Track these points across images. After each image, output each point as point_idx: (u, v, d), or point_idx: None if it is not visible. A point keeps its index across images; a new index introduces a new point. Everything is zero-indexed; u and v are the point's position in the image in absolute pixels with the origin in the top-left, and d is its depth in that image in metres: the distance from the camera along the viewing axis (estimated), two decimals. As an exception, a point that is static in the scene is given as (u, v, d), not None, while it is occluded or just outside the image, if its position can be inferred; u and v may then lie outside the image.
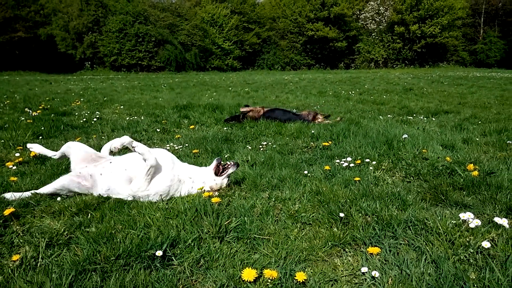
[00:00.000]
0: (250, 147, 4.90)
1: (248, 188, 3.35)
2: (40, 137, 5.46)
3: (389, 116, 7.44)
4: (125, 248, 2.22)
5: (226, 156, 4.41)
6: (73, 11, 44.47)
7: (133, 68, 44.15)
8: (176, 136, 5.60)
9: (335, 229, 2.54)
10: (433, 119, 7.15)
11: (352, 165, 3.91)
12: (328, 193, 3.07)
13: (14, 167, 3.94)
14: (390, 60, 51.71)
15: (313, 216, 2.73)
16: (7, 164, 4.00)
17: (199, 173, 3.23)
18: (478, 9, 54.20)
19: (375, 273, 2.02)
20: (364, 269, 2.07)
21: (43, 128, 5.85)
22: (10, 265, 2.11)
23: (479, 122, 6.54)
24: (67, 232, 2.48)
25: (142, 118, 7.34)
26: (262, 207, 2.88)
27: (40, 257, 2.20)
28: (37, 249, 2.26)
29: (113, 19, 43.53)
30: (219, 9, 50.43)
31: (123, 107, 9.17)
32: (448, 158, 3.91)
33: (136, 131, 5.96)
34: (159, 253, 2.17)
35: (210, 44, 48.90)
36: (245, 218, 2.65)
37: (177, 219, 2.60)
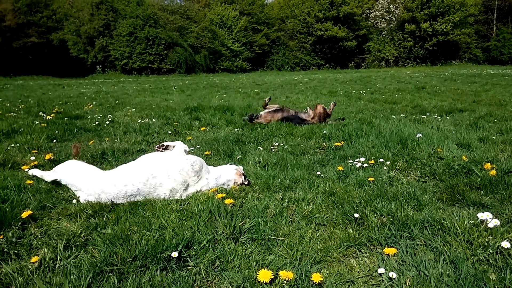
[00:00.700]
0: (261, 148, 4.90)
1: (261, 189, 3.35)
2: (54, 141, 5.52)
3: (402, 115, 7.38)
4: (141, 249, 2.23)
5: (238, 158, 4.41)
6: (84, 16, 44.92)
7: (143, 71, 44.45)
8: (188, 138, 5.62)
9: (350, 229, 2.52)
10: (447, 117, 7.07)
11: (365, 165, 3.89)
12: (342, 193, 3.05)
13: (30, 171, 3.98)
14: (401, 58, 51.29)
15: (327, 217, 2.72)
16: (23, 167, 4.05)
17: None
18: (491, 5, 53.47)
19: (392, 274, 2.00)
20: (381, 270, 2.05)
21: (57, 132, 5.92)
22: (30, 266, 2.13)
23: (495, 120, 6.45)
24: (83, 234, 2.50)
25: (154, 120, 7.38)
26: (275, 208, 2.87)
27: (58, 258, 2.22)
28: (55, 250, 2.29)
29: (123, 22, 43.89)
30: (228, 11, 50.52)
31: (134, 109, 9.24)
32: (464, 157, 3.86)
33: (148, 134, 5.99)
34: (175, 254, 2.18)
35: (219, 46, 49.00)
36: (259, 219, 2.64)
37: (191, 221, 2.61)
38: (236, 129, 6.28)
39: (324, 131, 5.52)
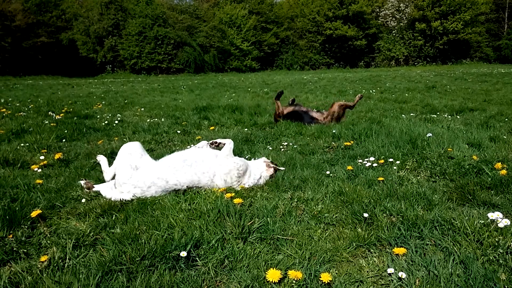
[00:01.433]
0: (270, 148, 4.89)
1: (269, 189, 3.34)
2: (64, 140, 5.55)
3: (412, 114, 7.32)
4: (149, 249, 2.23)
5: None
6: (94, 16, 45.27)
7: (152, 71, 44.68)
8: (197, 138, 5.62)
9: (359, 229, 2.50)
10: (458, 117, 7.00)
11: (375, 165, 3.86)
12: (351, 193, 3.03)
13: (39, 170, 4.01)
14: (411, 57, 50.92)
15: (336, 217, 2.70)
16: (32, 167, 4.09)
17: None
18: (502, 3, 52.80)
19: (402, 274, 1.98)
20: (390, 270, 2.03)
21: (66, 131, 5.96)
22: (39, 265, 2.15)
23: (506, 119, 6.37)
24: (92, 233, 2.52)
25: (163, 120, 7.41)
26: (284, 207, 2.86)
27: (68, 258, 2.23)
28: (64, 250, 2.30)
29: (133, 22, 44.13)
30: (237, 10, 50.53)
31: (143, 109, 9.28)
32: (474, 157, 3.82)
33: (157, 133, 6.01)
34: (184, 253, 2.18)
35: (228, 45, 49.06)
36: (268, 218, 2.64)
37: (200, 220, 2.61)
38: (245, 129, 6.28)
39: (334, 131, 5.49)
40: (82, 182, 3.36)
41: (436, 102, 9.17)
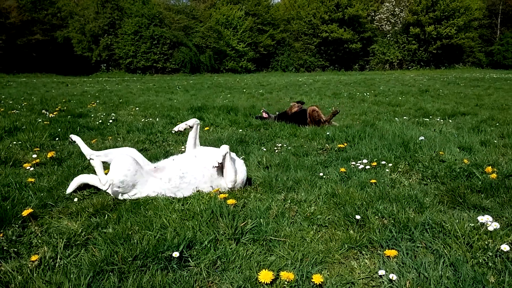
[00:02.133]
0: (265, 149, 4.90)
1: (263, 190, 3.35)
2: (57, 139, 5.53)
3: (405, 118, 7.37)
4: (142, 249, 2.23)
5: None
6: (90, 14, 45.04)
7: (148, 70, 44.52)
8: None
9: (351, 231, 2.52)
10: (450, 121, 7.06)
11: (368, 167, 3.89)
12: (344, 195, 3.05)
13: (32, 168, 4.00)
14: (405, 61, 51.16)
15: (329, 218, 2.72)
16: (24, 165, 4.07)
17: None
18: (495, 9, 53.23)
19: (393, 276, 2.00)
20: (381, 272, 2.05)
21: (59, 130, 5.93)
22: (29, 265, 2.14)
23: (497, 124, 6.43)
24: (84, 233, 2.51)
25: (157, 119, 7.40)
26: (277, 209, 2.87)
27: (59, 257, 2.22)
28: (55, 249, 2.29)
29: (129, 21, 43.96)
30: (233, 11, 50.46)
31: (138, 109, 9.26)
32: (465, 161, 3.86)
33: (151, 133, 6.00)
34: (176, 254, 2.18)
35: (224, 46, 48.98)
36: (261, 220, 2.64)
37: (193, 221, 2.61)
38: (240, 130, 6.29)
39: (328, 133, 5.51)
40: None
41: (429, 106, 9.23)
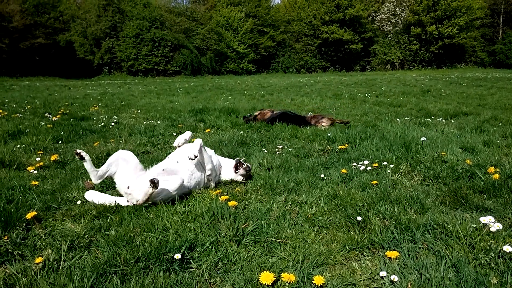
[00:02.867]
0: (266, 151, 4.91)
1: (264, 191, 3.36)
2: (60, 142, 5.56)
3: (406, 118, 7.37)
4: (144, 251, 2.25)
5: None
6: (91, 17, 45.17)
7: (149, 73, 44.60)
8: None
9: (352, 232, 2.52)
10: (452, 121, 7.05)
11: (369, 168, 3.89)
12: (345, 196, 3.05)
13: (35, 171, 4.02)
14: (406, 61, 51.10)
15: (330, 220, 2.72)
16: (28, 168, 4.09)
17: (226, 164, 3.88)
18: (497, 9, 53.14)
19: (394, 278, 2.00)
20: (383, 273, 2.05)
21: (62, 133, 5.96)
22: (33, 267, 2.15)
23: (500, 124, 6.42)
24: (87, 235, 2.53)
25: (159, 122, 7.41)
26: (278, 210, 2.88)
27: (62, 259, 2.24)
28: (59, 251, 2.31)
29: (130, 24, 44.07)
30: (234, 13, 50.53)
31: (140, 111, 9.28)
32: (468, 161, 3.85)
33: (153, 135, 6.02)
34: (178, 256, 2.19)
35: (225, 48, 49.04)
36: (262, 221, 2.65)
37: (195, 223, 2.62)
38: (241, 131, 6.30)
39: (329, 134, 5.52)
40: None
41: (430, 106, 9.23)
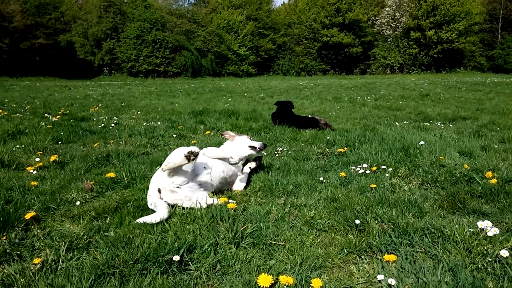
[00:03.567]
0: (265, 153, 4.91)
1: (263, 194, 3.36)
2: (60, 142, 5.56)
3: (405, 122, 7.38)
4: (143, 252, 2.25)
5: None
6: (92, 18, 45.26)
7: (150, 74, 44.68)
8: (192, 142, 5.64)
9: (350, 236, 2.53)
10: (450, 125, 7.07)
11: (368, 171, 3.90)
12: (343, 199, 3.06)
13: (35, 172, 4.03)
14: (406, 65, 51.24)
15: (328, 223, 2.73)
16: (27, 168, 4.10)
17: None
18: (496, 14, 53.34)
19: (392, 281, 2.01)
20: (380, 277, 2.06)
21: (62, 133, 5.96)
22: (32, 268, 2.16)
23: (498, 128, 6.44)
24: (86, 236, 2.53)
25: (159, 123, 7.42)
26: (277, 213, 2.89)
27: (61, 260, 2.24)
28: (57, 252, 2.31)
29: (131, 25, 44.17)
30: (234, 15, 50.69)
31: (140, 112, 9.29)
32: (466, 165, 3.87)
33: (153, 137, 6.03)
34: (176, 257, 2.20)
35: (225, 50, 49.16)
36: (261, 224, 2.66)
37: (194, 224, 2.63)
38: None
39: (328, 137, 5.53)
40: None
41: (429, 110, 9.25)
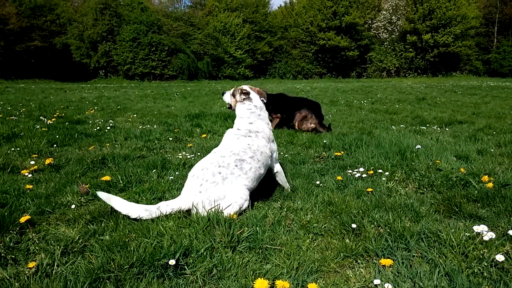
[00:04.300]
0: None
1: (260, 198, 3.36)
2: (55, 145, 5.54)
3: (402, 126, 7.40)
4: (138, 256, 2.24)
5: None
6: (88, 21, 45.23)
7: (146, 77, 44.66)
8: (188, 145, 5.63)
9: (347, 240, 2.53)
10: (447, 129, 7.09)
11: (364, 175, 3.90)
12: (340, 203, 3.06)
13: (30, 175, 4.00)
14: (402, 69, 51.43)
15: (325, 227, 2.73)
16: (22, 171, 4.07)
17: None
18: (492, 18, 53.70)
19: (388, 286, 2.01)
20: (377, 281, 2.06)
21: (57, 136, 5.94)
22: (26, 272, 2.14)
23: (494, 132, 6.47)
24: (81, 240, 2.51)
25: (155, 126, 7.41)
26: (274, 217, 2.88)
27: (56, 264, 2.23)
28: (52, 256, 2.30)
29: (127, 28, 44.17)
30: (231, 18, 50.79)
31: (136, 115, 9.27)
32: (462, 169, 3.88)
33: (149, 140, 6.01)
34: (172, 262, 2.19)
35: (222, 53, 49.24)
36: (257, 228, 2.65)
37: (190, 228, 2.62)
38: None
39: (325, 141, 5.53)
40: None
41: (425, 114, 9.28)
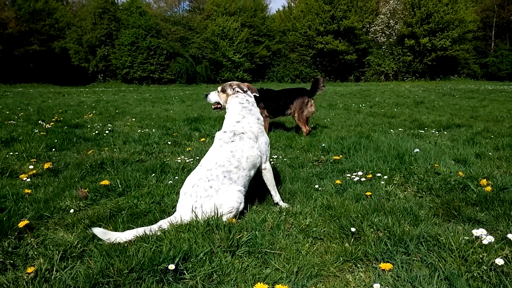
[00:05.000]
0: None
1: (259, 202, 3.36)
2: (53, 149, 5.53)
3: (400, 129, 7.41)
4: (137, 261, 2.23)
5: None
6: (87, 25, 45.28)
7: (144, 81, 44.68)
8: (187, 149, 5.63)
9: (346, 244, 2.53)
10: (445, 132, 7.10)
11: (363, 179, 3.90)
12: (339, 207, 3.06)
13: (28, 179, 4.00)
14: (400, 73, 51.58)
15: (324, 231, 2.72)
16: (21, 176, 4.07)
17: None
18: (489, 22, 53.94)
19: (388, 290, 2.01)
20: (376, 286, 2.05)
21: (56, 141, 5.93)
22: (25, 277, 2.13)
23: (492, 136, 6.47)
24: (80, 245, 2.51)
25: (153, 130, 7.40)
26: (273, 221, 2.88)
27: (54, 269, 2.22)
28: (51, 261, 2.29)
29: (126, 32, 44.23)
30: (229, 22, 50.91)
31: (134, 119, 9.27)
32: (460, 173, 3.88)
33: (147, 144, 6.00)
34: (172, 266, 2.18)
35: (220, 56, 49.33)
36: (256, 232, 2.65)
37: (189, 233, 2.61)
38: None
39: (323, 144, 5.54)
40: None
41: (424, 118, 9.28)
